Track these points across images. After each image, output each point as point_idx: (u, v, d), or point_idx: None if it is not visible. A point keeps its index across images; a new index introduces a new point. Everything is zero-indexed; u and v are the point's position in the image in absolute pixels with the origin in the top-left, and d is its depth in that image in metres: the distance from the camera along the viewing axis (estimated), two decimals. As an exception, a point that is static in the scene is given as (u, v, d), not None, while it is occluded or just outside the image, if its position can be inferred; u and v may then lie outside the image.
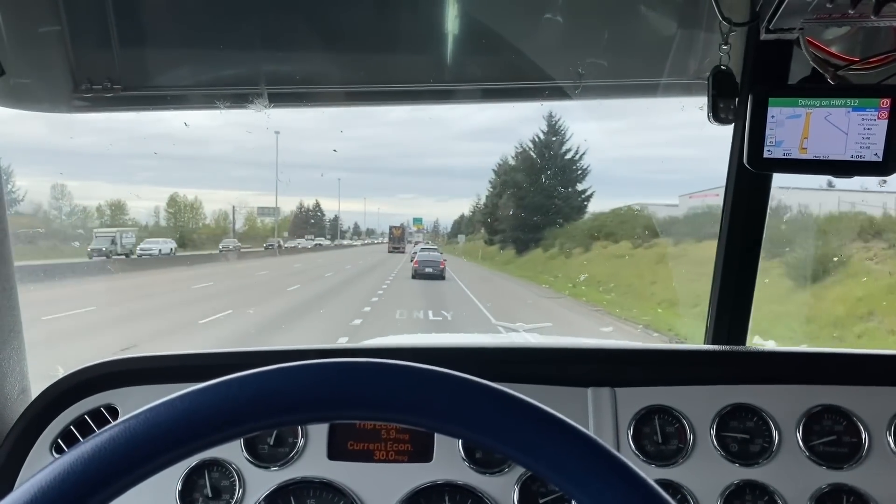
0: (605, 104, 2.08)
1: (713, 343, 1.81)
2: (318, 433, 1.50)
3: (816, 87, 1.53)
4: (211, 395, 0.62)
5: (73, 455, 0.57)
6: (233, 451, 1.48)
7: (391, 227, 37.00)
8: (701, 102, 1.93)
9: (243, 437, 0.62)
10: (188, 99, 1.75)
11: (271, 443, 1.49)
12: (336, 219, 50.86)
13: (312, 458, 1.48)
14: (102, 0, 1.51)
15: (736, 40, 1.71)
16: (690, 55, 1.84)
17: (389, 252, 34.79)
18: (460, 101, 1.85)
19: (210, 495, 1.45)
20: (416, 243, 36.27)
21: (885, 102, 1.50)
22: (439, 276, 20.54)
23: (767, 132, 1.53)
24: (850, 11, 1.34)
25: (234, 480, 1.46)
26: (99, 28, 1.57)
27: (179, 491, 1.45)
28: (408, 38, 1.67)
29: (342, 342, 7.65)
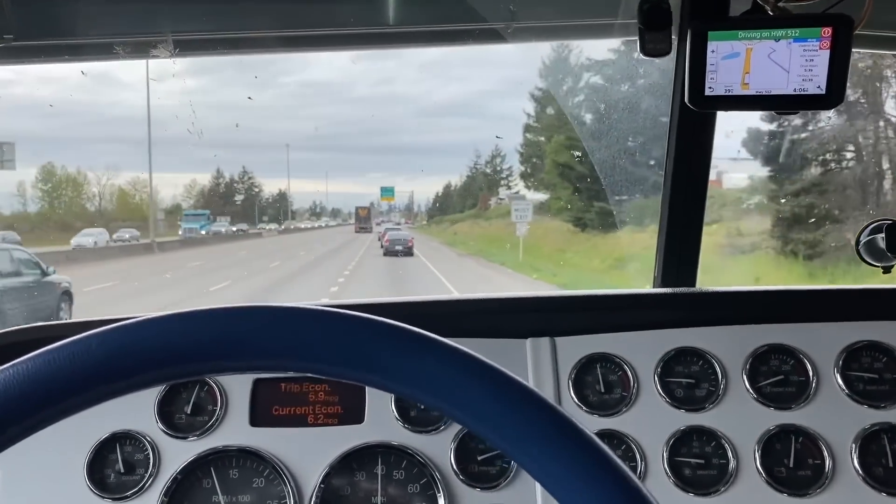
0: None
1: (662, 287, 1.74)
2: (239, 399, 1.40)
3: (756, 19, 1.47)
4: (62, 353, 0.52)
5: None
6: (146, 422, 1.37)
7: (357, 208, 35.76)
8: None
9: (112, 398, 0.52)
10: (86, 49, 1.62)
11: (188, 411, 1.38)
12: (283, 197, 38.26)
13: (233, 426, 1.38)
14: None
15: (675, -25, 1.64)
16: None
17: (356, 232, 33.46)
18: (383, 45, 1.75)
19: (122, 470, 1.34)
20: (383, 223, 33.85)
21: (827, 31, 1.44)
22: (408, 252, 20.68)
23: (708, 68, 1.46)
24: None
25: (148, 453, 1.35)
26: None
27: (88, 467, 1.34)
28: None
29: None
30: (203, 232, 26.55)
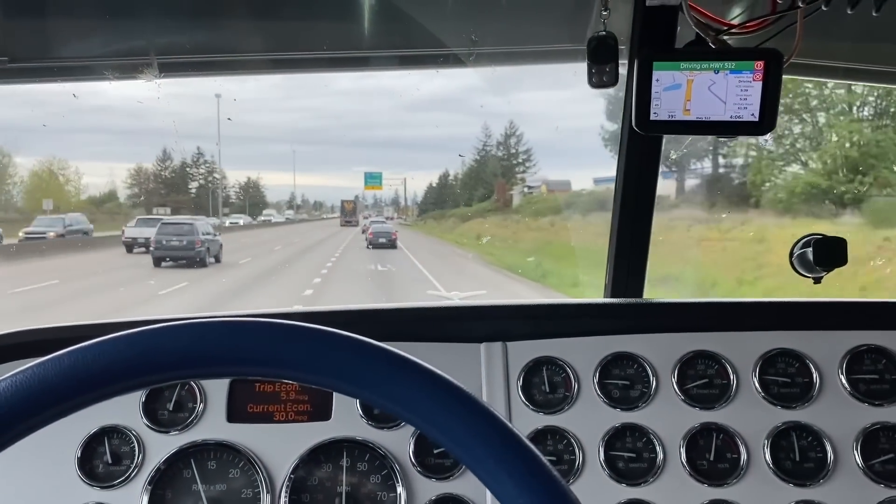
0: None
1: (612, 297, 1.90)
2: (217, 397, 1.53)
3: (698, 51, 1.60)
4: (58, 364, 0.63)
5: None
6: (132, 417, 1.50)
7: (343, 201, 35.07)
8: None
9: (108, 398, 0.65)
10: (77, 70, 1.73)
11: (171, 408, 1.52)
12: (255, 186, 32.12)
13: (212, 422, 1.52)
14: None
15: (626, 6, 1.77)
16: (588, 22, 1.89)
17: (342, 226, 33.05)
18: (355, 68, 1.87)
19: (110, 461, 1.48)
20: (369, 216, 32.71)
21: (760, 65, 1.58)
22: (391, 245, 20.83)
23: (653, 95, 1.60)
24: None
25: (134, 446, 1.49)
26: None
27: (79, 458, 1.47)
28: (299, 5, 1.68)
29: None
30: None
